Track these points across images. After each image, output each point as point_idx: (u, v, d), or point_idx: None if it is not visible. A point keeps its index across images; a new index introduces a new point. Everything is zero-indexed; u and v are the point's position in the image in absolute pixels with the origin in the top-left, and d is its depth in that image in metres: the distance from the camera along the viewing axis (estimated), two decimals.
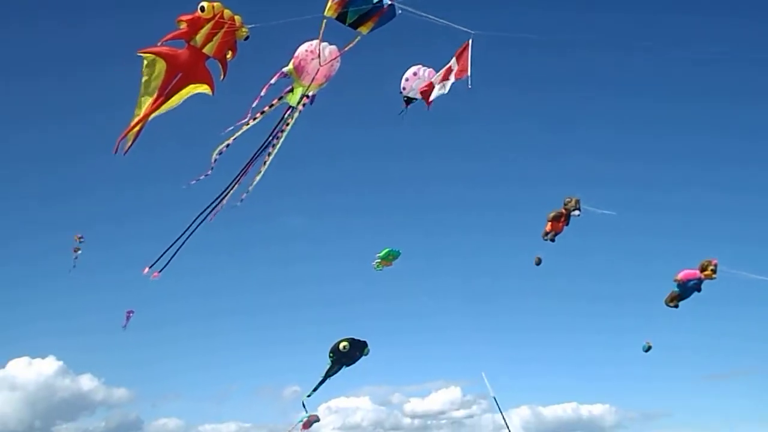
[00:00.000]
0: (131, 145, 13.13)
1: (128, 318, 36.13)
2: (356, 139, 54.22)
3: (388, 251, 20.65)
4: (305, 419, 17.55)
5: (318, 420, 17.62)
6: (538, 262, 20.12)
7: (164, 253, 15.13)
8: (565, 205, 19.04)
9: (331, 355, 16.46)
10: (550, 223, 19.27)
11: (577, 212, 18.80)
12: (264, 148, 14.93)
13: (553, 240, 19.34)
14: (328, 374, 16.73)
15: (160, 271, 15.24)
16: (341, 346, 16.55)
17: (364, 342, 17.10)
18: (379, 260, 20.48)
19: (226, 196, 15.14)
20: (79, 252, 33.37)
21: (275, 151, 15.01)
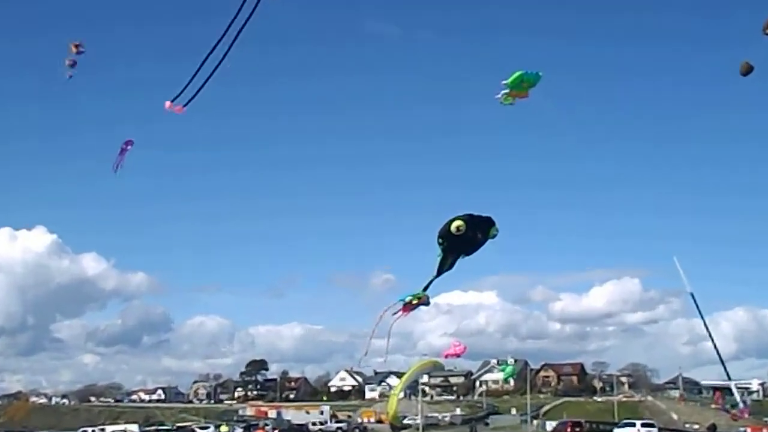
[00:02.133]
0: None
1: (123, 154, 26.38)
2: None
3: (521, 75, 13.02)
4: (410, 300, 11.99)
5: (428, 303, 12.18)
6: (748, 70, 14.32)
7: (191, 80, 11.53)
8: None
9: (441, 241, 11.30)
10: None
11: None
12: None
13: None
14: (441, 269, 11.62)
15: (186, 105, 11.95)
16: (454, 226, 11.18)
17: (489, 219, 11.47)
18: (507, 90, 12.99)
19: None
20: (75, 66, 27.26)
21: None
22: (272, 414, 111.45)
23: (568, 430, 73.33)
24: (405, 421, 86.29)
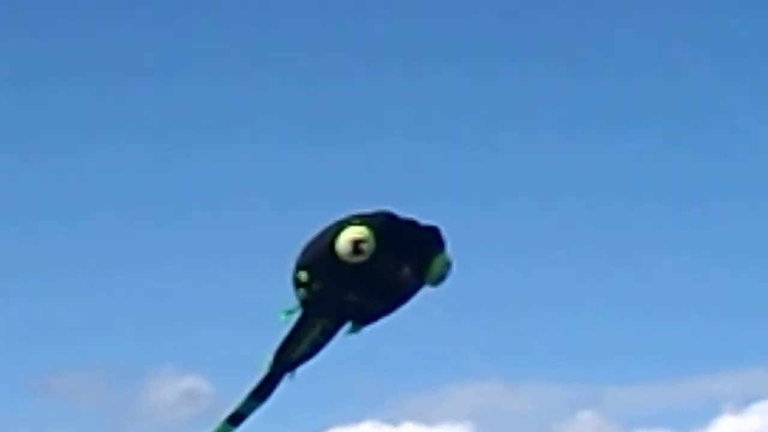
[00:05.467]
0: None
1: None
2: None
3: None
4: None
5: None
6: None
7: None
8: None
9: (304, 277, 3.74)
10: None
11: None
12: None
13: None
14: (286, 361, 4.03)
15: None
16: (347, 240, 3.67)
17: (432, 231, 4.05)
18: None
19: None
20: None
21: None
22: None
23: None
24: None
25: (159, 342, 19.29)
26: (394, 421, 17.51)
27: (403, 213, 4.15)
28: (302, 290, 3.73)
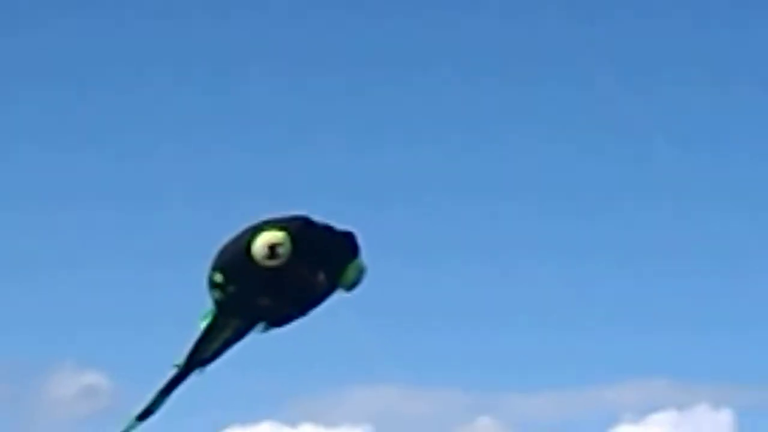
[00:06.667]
0: None
1: None
2: None
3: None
4: None
5: None
6: None
7: None
8: None
9: (219, 279, 3.80)
10: None
11: None
12: None
13: None
14: (198, 359, 4.09)
15: None
16: (263, 243, 3.72)
17: (346, 236, 4.08)
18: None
19: None
20: None
21: None
22: None
23: None
24: None
25: (59, 337, 18.70)
26: (293, 422, 17.44)
27: (320, 217, 4.19)
28: (217, 291, 3.76)
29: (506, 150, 20.90)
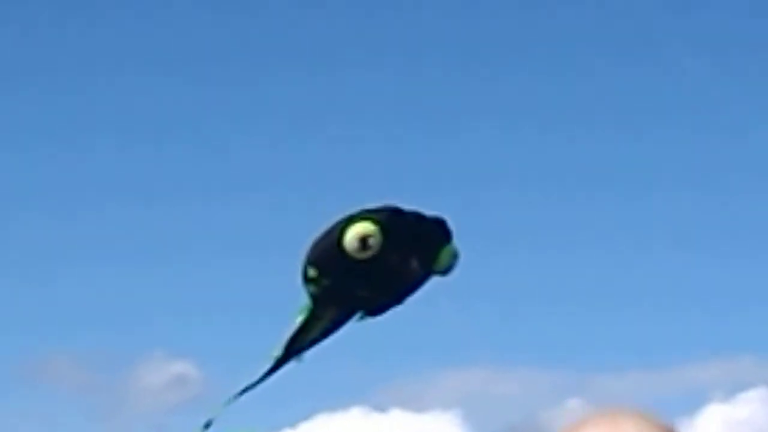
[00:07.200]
0: None
1: None
2: None
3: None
4: None
5: None
6: None
7: None
8: None
9: (314, 274, 3.48)
10: None
11: None
12: None
13: None
14: (295, 348, 4.75)
15: None
16: (353, 236, 3.50)
17: (438, 223, 4.74)
18: None
19: None
20: None
21: None
22: None
23: None
24: None
25: (149, 327, 19.62)
26: (382, 408, 17.68)
27: (409, 206, 4.22)
28: (312, 285, 3.81)
29: (607, 139, 20.53)
